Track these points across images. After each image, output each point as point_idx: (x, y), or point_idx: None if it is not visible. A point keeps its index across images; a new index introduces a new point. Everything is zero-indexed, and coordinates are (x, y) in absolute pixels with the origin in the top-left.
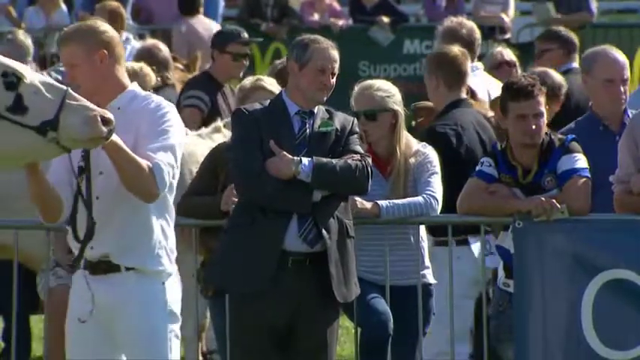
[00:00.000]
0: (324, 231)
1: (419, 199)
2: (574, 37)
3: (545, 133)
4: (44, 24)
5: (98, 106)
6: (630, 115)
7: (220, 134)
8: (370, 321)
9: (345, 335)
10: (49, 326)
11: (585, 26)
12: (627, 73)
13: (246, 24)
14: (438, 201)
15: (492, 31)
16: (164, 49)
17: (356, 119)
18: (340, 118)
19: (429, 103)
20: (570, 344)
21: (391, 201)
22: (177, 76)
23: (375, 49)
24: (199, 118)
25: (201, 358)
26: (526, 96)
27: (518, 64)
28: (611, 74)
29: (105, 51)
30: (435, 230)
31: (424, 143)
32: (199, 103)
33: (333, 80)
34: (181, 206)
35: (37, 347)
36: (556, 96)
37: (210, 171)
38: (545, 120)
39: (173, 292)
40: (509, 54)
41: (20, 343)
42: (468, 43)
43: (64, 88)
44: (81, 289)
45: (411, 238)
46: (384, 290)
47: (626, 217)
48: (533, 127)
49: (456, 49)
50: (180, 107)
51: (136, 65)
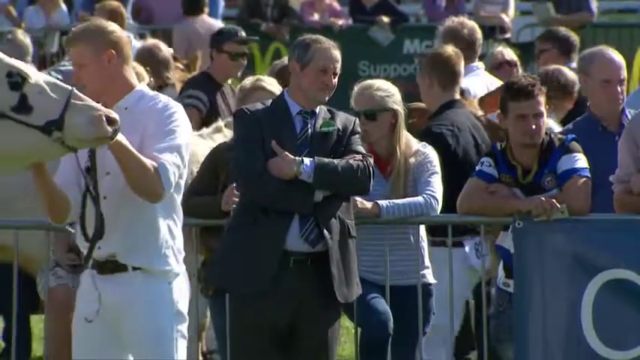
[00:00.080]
0: (325, 231)
1: (419, 199)
2: (573, 37)
3: (546, 133)
4: (44, 24)
5: (105, 106)
6: (628, 115)
7: (221, 134)
8: (370, 321)
9: (345, 335)
10: (49, 326)
11: (585, 26)
12: (624, 74)
13: (246, 24)
14: (438, 201)
15: (492, 31)
16: (164, 49)
17: (358, 119)
18: (342, 118)
19: (422, 104)
20: (570, 344)
21: (391, 201)
22: (177, 76)
23: (375, 49)
24: (198, 118)
25: (201, 358)
26: (526, 96)
27: (519, 63)
28: (609, 75)
29: (113, 51)
30: (434, 230)
31: (424, 143)
32: (198, 103)
33: (335, 80)
34: (182, 206)
35: (37, 347)
36: (569, 93)
37: (210, 171)
38: (545, 120)
39: (180, 292)
40: (509, 54)
41: (20, 343)
42: (469, 43)
43: (69, 87)
44: (88, 289)
45: (411, 238)
46: (384, 290)
47: (626, 217)
48: (533, 127)
49: (450, 50)
50: None
51: None
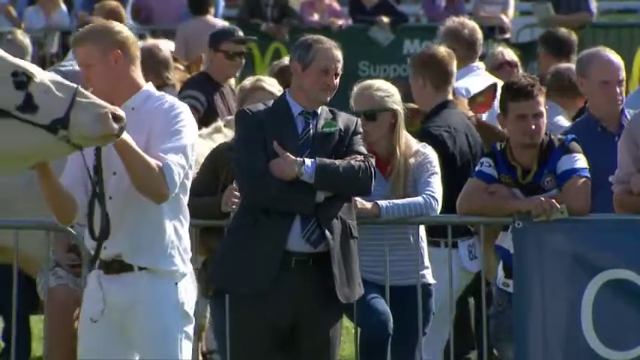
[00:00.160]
0: (327, 232)
1: (419, 199)
2: (568, 38)
3: (545, 133)
4: (44, 24)
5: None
6: (628, 115)
7: (221, 134)
8: (370, 321)
9: (345, 335)
10: (49, 326)
11: (585, 26)
12: (623, 74)
13: (246, 24)
14: (437, 201)
15: (492, 31)
16: (164, 49)
17: (359, 120)
18: (344, 119)
19: (414, 105)
20: (570, 344)
21: (391, 201)
22: (177, 76)
23: (374, 49)
24: (195, 118)
25: (201, 358)
26: (526, 96)
27: (519, 64)
28: (607, 76)
29: (120, 51)
30: (431, 230)
31: (424, 143)
32: (195, 103)
33: (337, 81)
34: None
35: (37, 347)
36: (580, 92)
37: (210, 171)
38: (545, 120)
39: (186, 293)
40: (510, 54)
41: (20, 343)
42: (470, 44)
43: (75, 86)
44: (93, 289)
45: (411, 238)
46: (383, 290)
47: (626, 217)
48: (533, 127)
49: (442, 50)
50: None
51: None
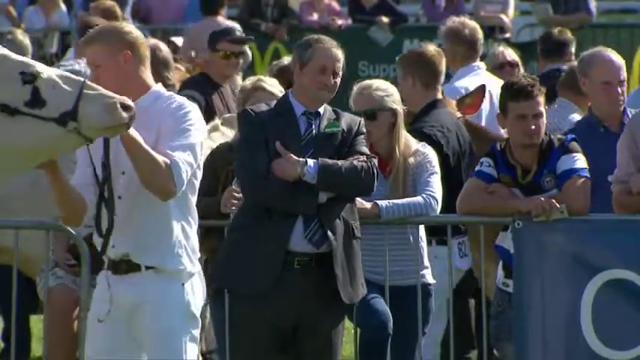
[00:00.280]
0: (329, 232)
1: (418, 199)
2: (559, 38)
3: (545, 133)
4: (44, 24)
5: None
6: (630, 114)
7: (218, 132)
8: (370, 321)
9: (344, 336)
10: (48, 326)
11: (584, 26)
12: (624, 74)
13: (246, 24)
14: (437, 201)
15: (492, 31)
16: (164, 49)
17: (362, 120)
18: (347, 119)
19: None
20: (570, 344)
21: (391, 201)
22: (177, 76)
23: (374, 49)
24: None
25: (200, 357)
26: (526, 96)
27: (520, 63)
28: (609, 76)
29: (129, 52)
30: (433, 230)
31: (423, 143)
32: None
33: (337, 80)
34: None
35: (37, 347)
36: None
37: (210, 171)
38: (544, 120)
39: (193, 294)
40: (511, 54)
41: (20, 343)
42: (471, 43)
43: (81, 79)
44: (102, 290)
45: (411, 238)
46: (383, 290)
47: (626, 217)
48: (533, 127)
49: (431, 48)
50: None
51: None
